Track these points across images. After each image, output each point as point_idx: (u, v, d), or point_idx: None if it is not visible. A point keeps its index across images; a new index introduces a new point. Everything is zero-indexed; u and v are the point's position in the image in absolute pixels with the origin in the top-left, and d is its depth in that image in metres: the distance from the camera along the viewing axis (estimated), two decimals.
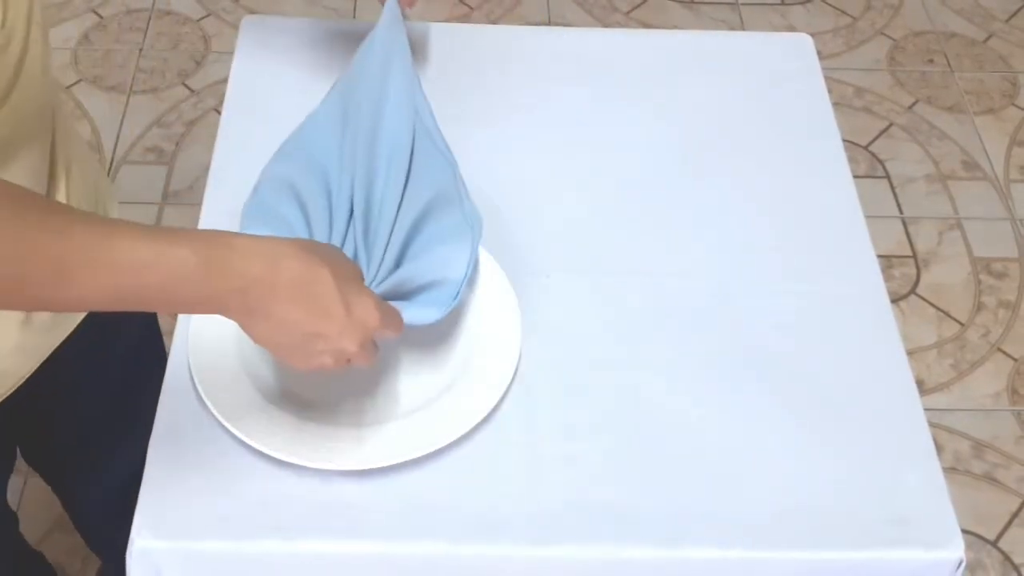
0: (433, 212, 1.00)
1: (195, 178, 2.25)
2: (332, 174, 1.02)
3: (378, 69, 1.08)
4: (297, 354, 0.80)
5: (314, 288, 0.76)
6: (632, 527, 0.90)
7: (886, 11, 2.76)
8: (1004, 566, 1.83)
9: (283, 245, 0.76)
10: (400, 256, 0.97)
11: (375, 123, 1.04)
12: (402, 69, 1.08)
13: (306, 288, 0.76)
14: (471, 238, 0.98)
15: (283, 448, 0.90)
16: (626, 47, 1.32)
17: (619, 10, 2.65)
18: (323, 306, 0.77)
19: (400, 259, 0.97)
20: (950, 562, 0.90)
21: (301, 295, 0.76)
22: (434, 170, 1.03)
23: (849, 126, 2.44)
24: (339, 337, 0.78)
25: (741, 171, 1.17)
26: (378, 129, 1.04)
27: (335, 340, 0.79)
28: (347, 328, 0.78)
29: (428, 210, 1.00)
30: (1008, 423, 2.00)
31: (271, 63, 1.24)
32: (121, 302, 0.73)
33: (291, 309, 0.76)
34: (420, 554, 0.89)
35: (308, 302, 0.76)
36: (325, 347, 0.79)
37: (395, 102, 1.06)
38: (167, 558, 0.88)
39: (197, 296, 0.74)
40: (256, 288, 0.74)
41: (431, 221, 0.99)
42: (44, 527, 1.71)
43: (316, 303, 0.77)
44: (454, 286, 0.95)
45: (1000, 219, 2.32)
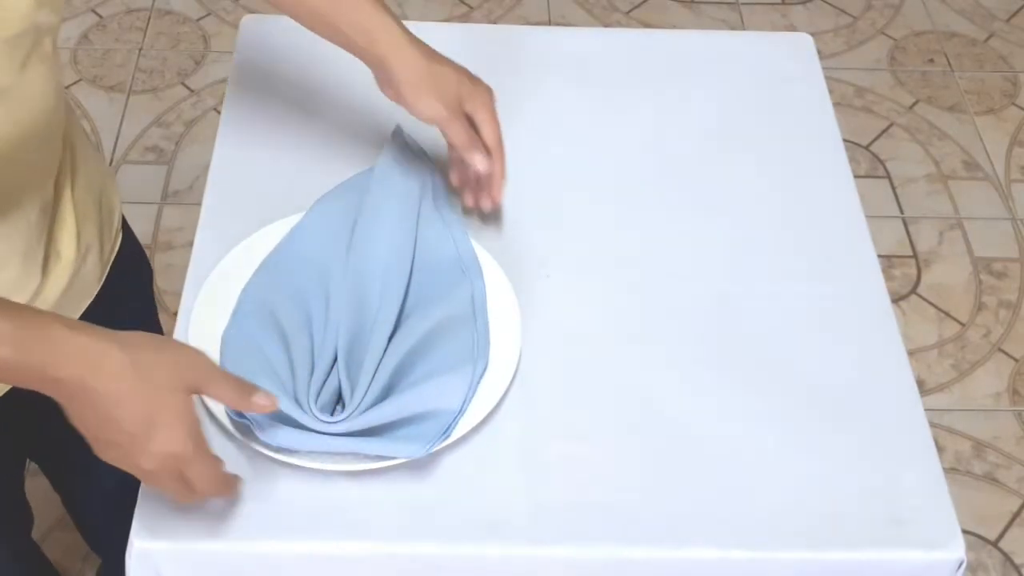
0: (438, 338, 0.96)
1: (195, 178, 2.25)
2: (316, 301, 0.98)
3: (376, 187, 1.05)
4: (112, 455, 0.80)
5: (162, 444, 0.78)
6: (632, 527, 0.90)
7: (887, 11, 2.76)
8: (1005, 567, 1.83)
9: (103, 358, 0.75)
10: (391, 384, 0.93)
11: (369, 244, 1.01)
12: (405, 191, 1.05)
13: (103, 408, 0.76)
14: (472, 371, 0.94)
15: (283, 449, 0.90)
16: (626, 47, 1.31)
17: (619, 10, 2.65)
18: (114, 426, 0.77)
19: (391, 388, 0.93)
20: (951, 562, 0.90)
21: (96, 411, 0.77)
22: (449, 288, 1.00)
23: (849, 126, 2.44)
24: (136, 455, 0.78)
25: (741, 171, 1.17)
26: (372, 250, 1.01)
27: (133, 457, 0.78)
28: (144, 451, 0.78)
29: (432, 335, 0.96)
30: (1009, 423, 2.00)
31: (271, 63, 1.24)
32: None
33: (85, 416, 0.77)
34: (420, 554, 0.89)
35: (101, 418, 0.77)
36: (127, 460, 0.79)
37: (391, 224, 1.03)
38: (166, 559, 0.88)
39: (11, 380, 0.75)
40: (62, 390, 0.76)
41: (434, 348, 0.95)
42: (44, 526, 1.71)
43: (109, 421, 0.77)
44: (447, 417, 0.91)
45: (1001, 219, 2.32)
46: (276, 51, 1.25)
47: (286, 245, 1.03)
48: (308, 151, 1.15)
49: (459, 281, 1.01)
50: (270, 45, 1.25)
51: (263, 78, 1.22)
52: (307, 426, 0.90)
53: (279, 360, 0.94)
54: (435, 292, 1.00)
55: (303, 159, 1.14)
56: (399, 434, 0.91)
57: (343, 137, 1.16)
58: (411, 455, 0.89)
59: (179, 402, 0.79)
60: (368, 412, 0.90)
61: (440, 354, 0.95)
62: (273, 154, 1.14)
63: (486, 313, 0.99)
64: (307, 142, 1.16)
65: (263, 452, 0.90)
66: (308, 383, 0.92)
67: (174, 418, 0.78)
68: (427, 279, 1.01)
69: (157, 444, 0.78)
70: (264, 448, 0.90)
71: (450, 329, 0.97)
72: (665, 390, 0.98)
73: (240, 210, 1.09)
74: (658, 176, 1.15)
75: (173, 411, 0.78)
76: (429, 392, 0.92)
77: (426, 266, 1.02)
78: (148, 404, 0.77)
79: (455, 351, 0.96)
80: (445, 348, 0.96)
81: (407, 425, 0.91)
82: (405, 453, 0.89)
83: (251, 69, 1.24)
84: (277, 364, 0.93)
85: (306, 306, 0.98)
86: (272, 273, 1.01)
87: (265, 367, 0.93)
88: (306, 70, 1.22)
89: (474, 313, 0.99)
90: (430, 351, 0.95)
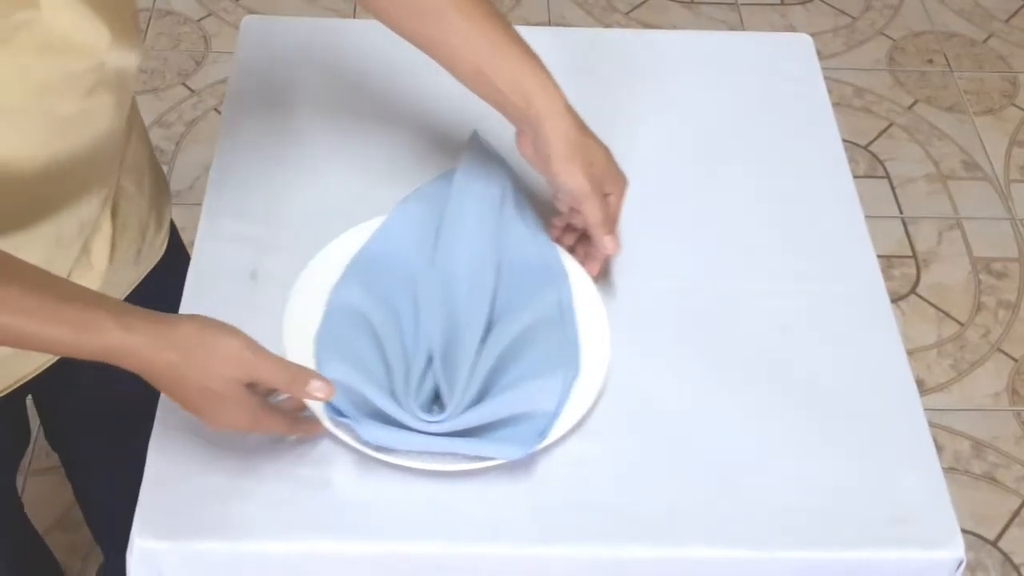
0: (528, 341, 0.96)
1: (195, 178, 2.25)
2: (404, 303, 0.99)
3: (458, 191, 1.05)
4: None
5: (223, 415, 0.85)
6: (632, 527, 0.90)
7: (886, 11, 2.76)
8: (1004, 566, 1.83)
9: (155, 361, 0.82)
10: (486, 386, 0.94)
11: (455, 247, 1.01)
12: (487, 196, 1.05)
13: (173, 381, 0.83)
14: (563, 373, 0.94)
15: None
16: (626, 47, 1.31)
17: (619, 10, 2.65)
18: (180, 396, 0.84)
19: (486, 389, 0.94)
20: (950, 562, 0.90)
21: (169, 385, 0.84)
22: (536, 292, 1.00)
23: (849, 126, 2.45)
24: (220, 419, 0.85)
25: (741, 171, 1.17)
26: (458, 254, 1.01)
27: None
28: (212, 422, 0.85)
29: (522, 338, 0.96)
30: (1008, 423, 2.00)
31: (271, 63, 1.24)
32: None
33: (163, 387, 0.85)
34: (420, 554, 0.89)
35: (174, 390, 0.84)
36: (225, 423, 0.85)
37: (475, 227, 1.03)
38: (167, 558, 0.88)
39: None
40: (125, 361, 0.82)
41: (525, 350, 0.96)
42: (45, 525, 1.71)
43: (173, 397, 0.85)
44: (543, 419, 0.92)
45: (1000, 219, 2.33)
46: (277, 51, 1.25)
47: (370, 248, 1.04)
48: (308, 151, 1.15)
49: (546, 285, 1.01)
50: (271, 45, 1.25)
51: (263, 78, 1.22)
52: (406, 425, 0.90)
53: (373, 360, 0.94)
54: (523, 296, 1.00)
55: (303, 159, 1.14)
56: (496, 435, 0.91)
57: (343, 137, 1.16)
58: (510, 456, 0.90)
59: (233, 392, 0.83)
60: (467, 412, 0.91)
61: (532, 357, 0.95)
62: (273, 154, 1.14)
63: (574, 317, 0.99)
64: (307, 142, 1.16)
65: (361, 450, 0.90)
66: (405, 383, 0.93)
67: (233, 405, 0.84)
68: (514, 282, 1.01)
69: (222, 422, 0.85)
70: (363, 446, 0.90)
71: (540, 332, 0.98)
72: (665, 390, 0.98)
73: (240, 210, 1.09)
74: (658, 176, 1.15)
75: (230, 400, 0.84)
76: (525, 394, 0.92)
77: (512, 269, 1.02)
78: (204, 396, 0.83)
79: (546, 354, 0.96)
80: (536, 351, 0.96)
81: (503, 427, 0.92)
82: (504, 454, 0.90)
83: (251, 69, 1.24)
84: (371, 364, 0.94)
85: (395, 308, 0.99)
86: (359, 276, 1.01)
87: (360, 367, 0.93)
88: (306, 70, 1.22)
89: (562, 317, 0.99)
90: (522, 354, 0.96)
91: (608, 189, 1.00)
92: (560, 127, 0.97)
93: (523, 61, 0.97)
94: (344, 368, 0.92)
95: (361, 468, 0.91)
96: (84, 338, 0.79)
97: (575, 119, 0.98)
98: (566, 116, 0.97)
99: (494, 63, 0.97)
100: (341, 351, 0.95)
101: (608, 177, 0.99)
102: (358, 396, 0.91)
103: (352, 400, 0.91)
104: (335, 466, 0.92)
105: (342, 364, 0.92)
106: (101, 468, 1.32)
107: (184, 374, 0.82)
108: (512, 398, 0.92)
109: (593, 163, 0.98)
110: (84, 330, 0.79)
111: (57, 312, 0.79)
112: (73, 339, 0.79)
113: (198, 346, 0.82)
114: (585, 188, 0.97)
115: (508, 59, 0.97)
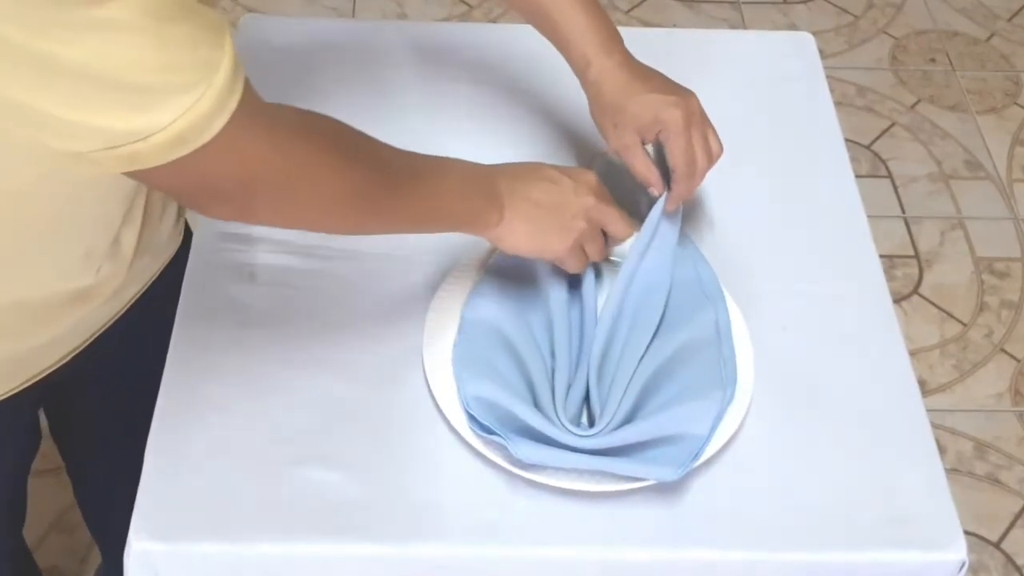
0: (682, 361, 0.96)
1: None
2: (537, 317, 0.99)
3: None
4: (551, 233, 0.94)
5: (540, 171, 0.96)
6: (632, 527, 0.90)
7: (888, 10, 2.76)
8: (1006, 568, 1.83)
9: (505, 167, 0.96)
10: (638, 404, 0.93)
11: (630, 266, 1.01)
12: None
13: (535, 172, 0.95)
14: (722, 397, 0.93)
15: None
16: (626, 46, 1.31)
17: (619, 9, 2.65)
18: (549, 177, 0.95)
19: (638, 407, 0.93)
20: (952, 563, 0.90)
21: (534, 177, 0.95)
22: (692, 311, 0.99)
23: (851, 125, 2.44)
24: (575, 194, 0.94)
25: (742, 170, 1.17)
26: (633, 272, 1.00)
27: (573, 199, 0.94)
28: (577, 186, 0.95)
29: (676, 357, 0.96)
30: (1011, 424, 2.00)
31: (271, 63, 1.23)
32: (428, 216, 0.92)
33: (532, 187, 0.93)
34: (420, 554, 0.89)
35: (541, 180, 0.95)
36: (568, 211, 0.94)
37: (656, 248, 1.02)
38: (165, 559, 0.88)
39: (473, 209, 0.92)
40: (505, 191, 0.93)
41: (679, 370, 0.95)
42: (42, 528, 1.71)
43: (545, 179, 0.95)
44: (696, 442, 0.90)
45: (1003, 219, 2.32)
46: (275, 51, 1.24)
47: (499, 263, 1.03)
48: None
49: (702, 305, 1.00)
50: (270, 45, 1.25)
51: (263, 78, 1.21)
52: (556, 440, 0.89)
53: (514, 376, 0.94)
54: (680, 315, 0.99)
55: None
56: (647, 456, 0.90)
57: None
58: (663, 478, 0.89)
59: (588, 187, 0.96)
60: (619, 430, 0.90)
61: (686, 377, 0.94)
62: None
63: (731, 339, 0.98)
64: None
65: (509, 469, 0.89)
66: (551, 398, 0.92)
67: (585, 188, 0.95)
68: (670, 301, 1.00)
69: (577, 176, 0.96)
70: (511, 464, 0.89)
71: (696, 352, 0.97)
72: None
73: None
74: None
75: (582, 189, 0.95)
76: (679, 416, 0.91)
77: (670, 287, 1.01)
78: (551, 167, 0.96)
79: (701, 375, 0.95)
80: (690, 371, 0.95)
81: (654, 447, 0.91)
82: (656, 475, 0.89)
83: (251, 69, 1.22)
84: (513, 380, 0.93)
85: (528, 323, 0.99)
86: (491, 290, 1.00)
87: (502, 383, 0.92)
88: (305, 70, 1.22)
89: (719, 338, 0.98)
90: (675, 373, 0.95)
91: (662, 136, 1.00)
92: (607, 84, 1.02)
93: (581, 18, 1.06)
94: (486, 385, 0.91)
95: (361, 468, 0.91)
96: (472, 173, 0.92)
97: (623, 72, 1.03)
98: (615, 72, 1.02)
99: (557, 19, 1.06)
100: (480, 368, 0.94)
101: (663, 120, 0.99)
102: (503, 412, 0.90)
103: (497, 416, 0.89)
104: (335, 466, 0.91)
105: (483, 381, 0.92)
106: (102, 468, 1.32)
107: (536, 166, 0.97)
108: (667, 420, 0.91)
109: (639, 114, 1.00)
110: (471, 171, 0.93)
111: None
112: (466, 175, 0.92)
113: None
114: (624, 143, 1.01)
115: (567, 18, 1.06)
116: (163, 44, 0.66)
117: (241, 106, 0.72)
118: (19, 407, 1.00)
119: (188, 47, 0.68)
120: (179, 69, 0.68)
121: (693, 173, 1.00)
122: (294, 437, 0.93)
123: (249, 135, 0.74)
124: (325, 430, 0.93)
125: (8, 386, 0.96)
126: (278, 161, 0.78)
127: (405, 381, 0.96)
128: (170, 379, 0.96)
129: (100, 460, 1.31)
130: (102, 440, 1.28)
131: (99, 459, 1.31)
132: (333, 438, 0.93)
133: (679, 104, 1.00)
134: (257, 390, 0.96)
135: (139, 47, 0.65)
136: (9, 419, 1.01)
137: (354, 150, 0.85)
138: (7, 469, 1.13)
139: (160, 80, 0.67)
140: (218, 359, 0.98)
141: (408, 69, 1.17)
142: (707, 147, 1.01)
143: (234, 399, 0.95)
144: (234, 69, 0.71)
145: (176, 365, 0.97)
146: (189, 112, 0.68)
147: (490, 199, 0.92)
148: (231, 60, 0.71)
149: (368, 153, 0.86)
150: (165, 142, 0.68)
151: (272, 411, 0.95)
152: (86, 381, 1.09)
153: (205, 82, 0.69)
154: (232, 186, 0.77)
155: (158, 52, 0.66)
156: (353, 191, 0.84)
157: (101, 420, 1.25)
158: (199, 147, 0.70)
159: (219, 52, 0.70)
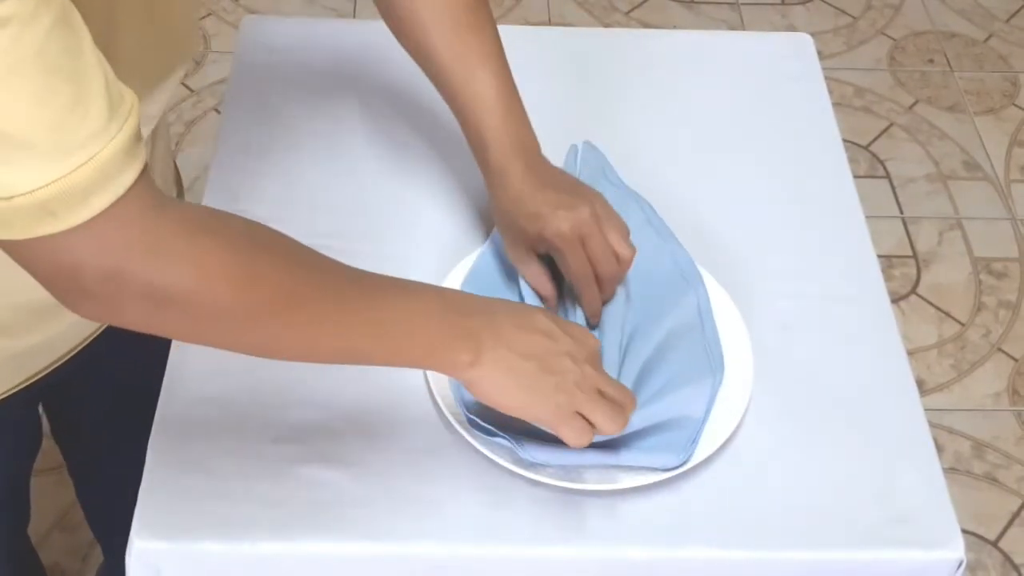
0: (670, 348, 0.96)
1: (194, 178, 2.24)
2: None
3: None
4: (539, 394, 0.82)
5: (533, 319, 0.84)
6: (632, 527, 0.90)
7: (886, 11, 2.76)
8: (1004, 566, 1.83)
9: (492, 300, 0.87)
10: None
11: None
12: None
13: (528, 318, 0.83)
14: (711, 380, 0.94)
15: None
16: (626, 47, 1.31)
17: (619, 10, 2.65)
18: (543, 330, 0.83)
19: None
20: (950, 562, 0.90)
21: (526, 325, 0.83)
22: (675, 298, 1.00)
23: (849, 126, 2.44)
24: (572, 359, 0.83)
25: (741, 171, 1.17)
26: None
27: (570, 364, 0.82)
28: (577, 348, 0.83)
29: (664, 345, 0.96)
30: (1008, 423, 2.00)
31: (271, 63, 1.24)
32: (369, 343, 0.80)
33: (520, 336, 0.82)
34: (420, 554, 0.89)
35: (533, 331, 0.82)
36: (561, 371, 0.82)
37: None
38: (167, 558, 0.88)
39: (435, 339, 0.80)
40: (484, 331, 0.80)
41: (668, 357, 0.95)
42: (44, 526, 1.71)
43: (539, 331, 0.83)
44: (693, 427, 0.92)
45: (1000, 219, 2.32)
46: (276, 51, 1.25)
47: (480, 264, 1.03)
48: (308, 151, 1.15)
49: (683, 290, 1.01)
50: (270, 45, 1.25)
51: (263, 78, 1.22)
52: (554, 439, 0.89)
53: None
54: (661, 304, 1.00)
55: (303, 159, 1.14)
56: (645, 445, 0.91)
57: (343, 137, 1.16)
58: (666, 465, 0.90)
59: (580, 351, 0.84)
60: None
61: (675, 363, 0.95)
62: (273, 154, 1.14)
63: (713, 320, 0.99)
64: (307, 142, 1.16)
65: (512, 469, 0.89)
66: None
67: (586, 354, 0.84)
68: (650, 291, 1.00)
69: (575, 333, 0.84)
70: (514, 464, 0.89)
71: (682, 338, 0.97)
72: None
73: (240, 210, 1.08)
74: (657, 176, 1.15)
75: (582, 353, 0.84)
76: (675, 402, 0.92)
77: (647, 277, 1.01)
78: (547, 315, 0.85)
79: (689, 360, 0.96)
80: (679, 357, 0.96)
81: (651, 435, 0.91)
82: (660, 463, 0.90)
83: (251, 69, 1.24)
84: None
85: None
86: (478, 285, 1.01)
87: None
88: (306, 70, 1.22)
89: (701, 321, 0.99)
90: (664, 361, 0.95)
91: (550, 250, 0.95)
92: (502, 195, 0.96)
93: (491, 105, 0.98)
94: None
95: (361, 468, 0.91)
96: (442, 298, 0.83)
97: (527, 180, 0.95)
98: (517, 176, 0.96)
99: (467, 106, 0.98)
100: None
101: (543, 235, 0.94)
102: (498, 413, 0.88)
103: (492, 418, 0.89)
104: (335, 466, 0.91)
105: None
106: (103, 467, 1.32)
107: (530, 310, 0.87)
108: (662, 407, 0.92)
109: (525, 228, 0.95)
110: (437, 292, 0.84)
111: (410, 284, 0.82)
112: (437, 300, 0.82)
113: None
114: (519, 256, 0.98)
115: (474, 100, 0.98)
116: (46, 96, 0.60)
117: (131, 193, 0.65)
118: (19, 407, 1.00)
119: (77, 111, 0.61)
120: (60, 130, 0.61)
121: (591, 284, 0.95)
122: (295, 436, 0.93)
123: (133, 228, 0.66)
124: (325, 430, 0.94)
125: (8, 385, 0.96)
126: (159, 264, 0.68)
127: (405, 381, 0.96)
128: (171, 378, 0.96)
129: (101, 459, 1.31)
130: (103, 439, 1.28)
131: (100, 458, 1.31)
132: (333, 438, 0.93)
133: (567, 218, 0.93)
134: (258, 390, 0.96)
135: (16, 92, 0.59)
136: (9, 419, 1.01)
137: (269, 265, 0.74)
138: (8, 469, 1.13)
139: (36, 135, 0.60)
140: (219, 358, 0.97)
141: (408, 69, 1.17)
142: (609, 254, 0.94)
143: (235, 398, 0.95)
144: (128, 151, 0.64)
145: (177, 364, 0.97)
146: (61, 181, 0.61)
147: (462, 336, 0.80)
148: (128, 140, 0.64)
149: (294, 268, 0.76)
150: (30, 208, 0.61)
151: (273, 410, 0.95)
152: (87, 381, 1.09)
153: (86, 153, 0.62)
154: (97, 282, 0.67)
155: (39, 105, 0.60)
156: (256, 308, 0.74)
157: (102, 420, 1.25)
158: (70, 228, 0.63)
159: (114, 127, 0.63)
